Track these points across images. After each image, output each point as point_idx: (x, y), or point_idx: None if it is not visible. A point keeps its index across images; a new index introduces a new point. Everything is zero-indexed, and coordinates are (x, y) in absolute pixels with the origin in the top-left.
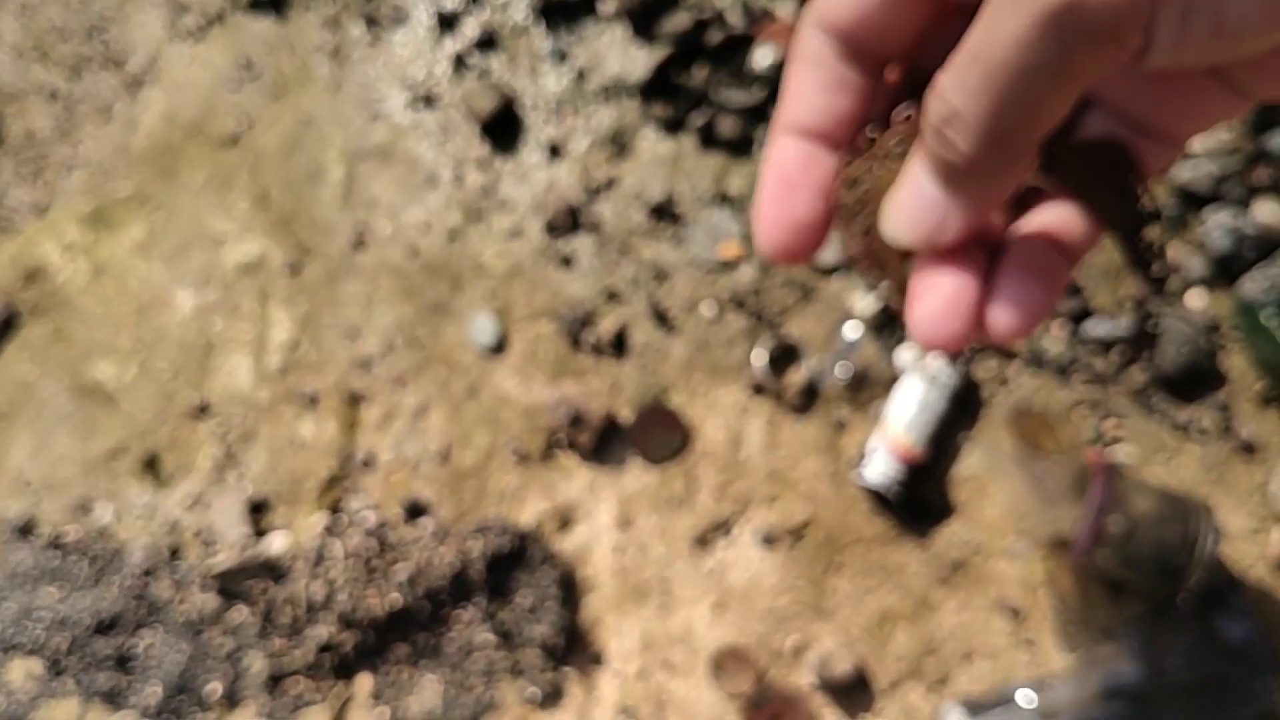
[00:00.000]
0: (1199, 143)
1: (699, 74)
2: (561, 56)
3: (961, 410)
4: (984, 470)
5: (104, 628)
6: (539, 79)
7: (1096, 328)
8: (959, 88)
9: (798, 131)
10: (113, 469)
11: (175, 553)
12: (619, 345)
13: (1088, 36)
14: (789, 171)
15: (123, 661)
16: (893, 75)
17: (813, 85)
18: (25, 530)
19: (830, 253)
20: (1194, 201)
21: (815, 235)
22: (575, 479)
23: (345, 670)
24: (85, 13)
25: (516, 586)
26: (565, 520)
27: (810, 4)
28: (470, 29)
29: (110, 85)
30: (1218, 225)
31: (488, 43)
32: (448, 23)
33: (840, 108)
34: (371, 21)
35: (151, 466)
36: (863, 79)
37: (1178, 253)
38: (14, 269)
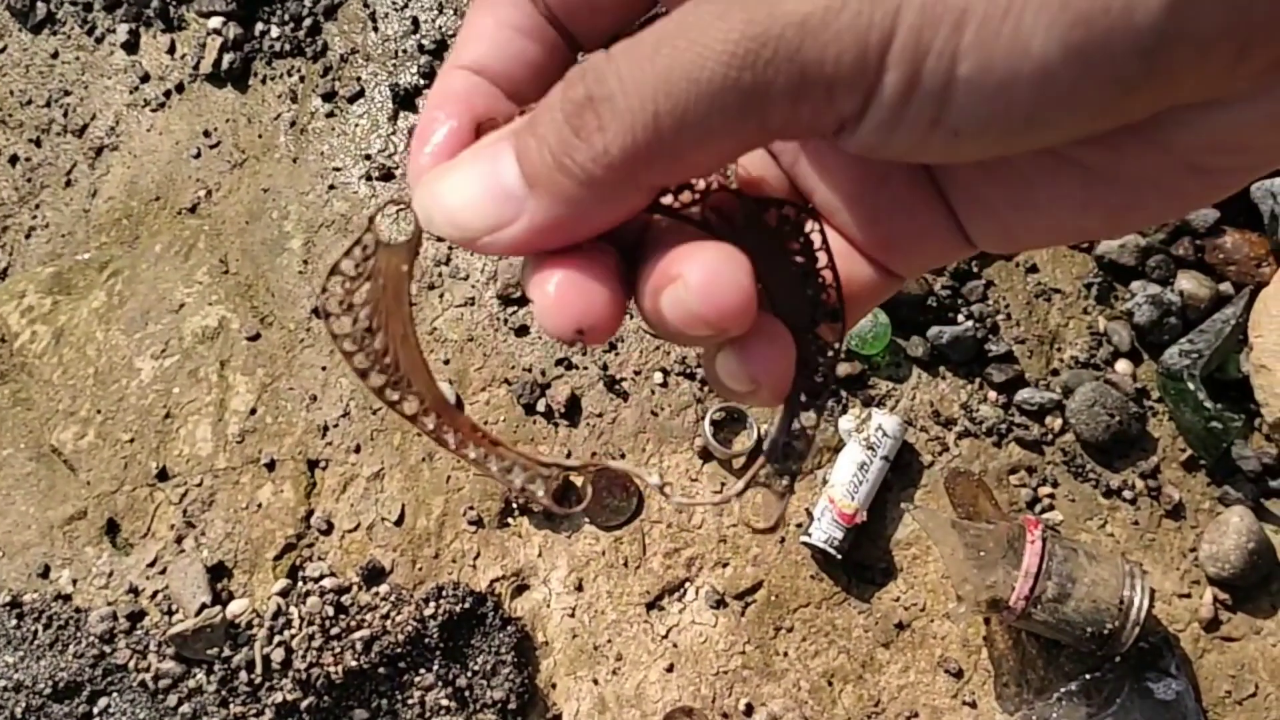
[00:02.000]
0: None
1: None
2: None
3: (901, 475)
4: (923, 534)
5: (62, 693)
6: None
7: (1030, 396)
8: (629, 72)
9: (473, 68)
10: (72, 534)
11: (134, 618)
12: (571, 412)
13: (797, 84)
14: (451, 97)
15: None
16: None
17: (499, 25)
18: None
19: None
20: (1120, 274)
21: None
22: (529, 544)
23: None
24: (47, 80)
25: (472, 650)
26: (520, 584)
27: None
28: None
29: (71, 151)
30: (1144, 297)
31: None
32: (404, 98)
33: (529, 54)
34: (330, 95)
35: (111, 532)
36: (558, 37)
37: (1106, 325)
38: None
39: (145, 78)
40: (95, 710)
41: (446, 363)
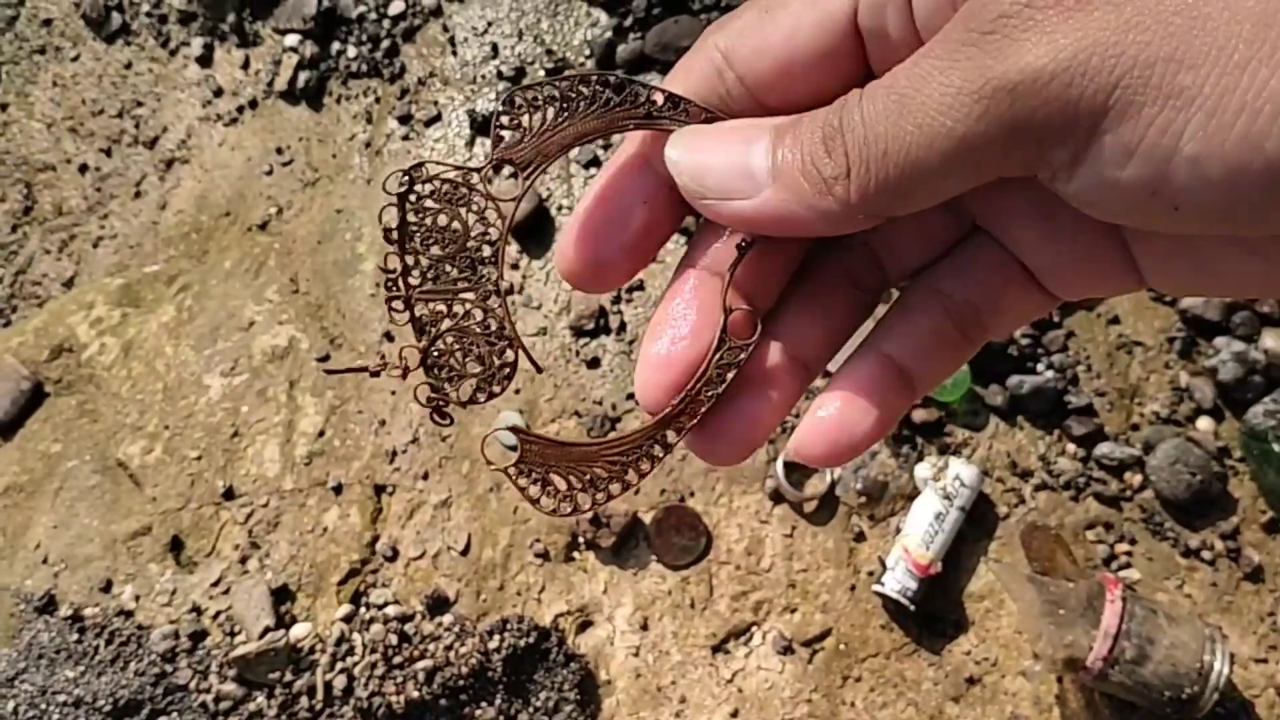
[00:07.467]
0: None
1: None
2: (592, 164)
3: (975, 525)
4: (998, 587)
5: (122, 711)
6: (570, 184)
7: (1110, 451)
8: (870, 111)
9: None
10: (136, 549)
11: (196, 638)
12: None
13: (1006, 137)
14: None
15: None
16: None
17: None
18: (45, 608)
19: None
20: (1204, 329)
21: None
22: (595, 579)
23: None
24: (120, 91)
25: (535, 685)
26: (584, 621)
27: (716, 29)
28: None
29: (142, 163)
30: (1229, 354)
31: None
32: (482, 124)
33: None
34: (406, 118)
35: (175, 549)
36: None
37: (1188, 380)
38: (41, 343)
39: (218, 92)
40: None
41: (517, 392)
